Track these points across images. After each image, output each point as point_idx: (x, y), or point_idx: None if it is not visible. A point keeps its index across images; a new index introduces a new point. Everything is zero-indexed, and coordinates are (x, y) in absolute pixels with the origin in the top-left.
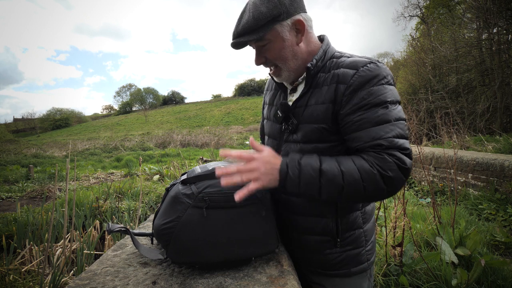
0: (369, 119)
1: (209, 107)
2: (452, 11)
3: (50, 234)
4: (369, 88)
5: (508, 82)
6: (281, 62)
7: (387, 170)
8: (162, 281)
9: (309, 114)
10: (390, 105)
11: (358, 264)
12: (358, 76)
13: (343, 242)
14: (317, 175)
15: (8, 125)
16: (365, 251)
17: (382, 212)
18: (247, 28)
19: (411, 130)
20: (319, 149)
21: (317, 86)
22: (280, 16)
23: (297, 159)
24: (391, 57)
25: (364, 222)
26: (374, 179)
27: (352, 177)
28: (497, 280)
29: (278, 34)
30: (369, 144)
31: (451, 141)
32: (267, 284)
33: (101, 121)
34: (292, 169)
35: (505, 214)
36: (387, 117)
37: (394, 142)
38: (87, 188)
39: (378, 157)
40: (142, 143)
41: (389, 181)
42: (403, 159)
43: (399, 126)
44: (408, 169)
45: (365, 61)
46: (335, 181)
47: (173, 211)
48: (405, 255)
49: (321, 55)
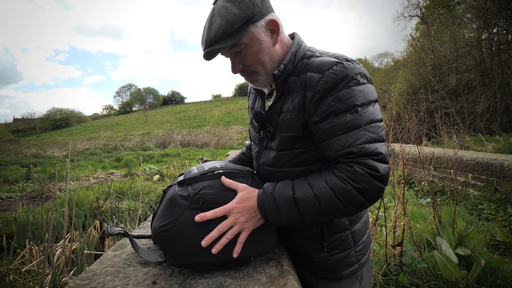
0: (338, 126)
1: (209, 107)
2: (452, 11)
3: (50, 234)
4: (335, 94)
5: (508, 82)
6: (259, 66)
7: (360, 182)
8: (162, 281)
9: (282, 122)
10: (360, 108)
11: (348, 266)
12: (324, 81)
13: (330, 245)
14: (292, 205)
15: (8, 125)
16: (355, 252)
17: (382, 212)
18: (221, 34)
19: (411, 130)
20: (293, 155)
21: (289, 92)
22: (254, 16)
23: (270, 192)
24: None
25: (351, 223)
26: (350, 194)
27: (327, 199)
28: (497, 280)
29: (254, 37)
30: (340, 153)
31: (451, 141)
32: (267, 284)
33: (101, 121)
34: (269, 204)
35: (505, 214)
36: (357, 122)
37: (365, 149)
38: (87, 188)
39: (350, 170)
40: (142, 143)
41: (365, 192)
42: (376, 166)
43: (370, 130)
44: (382, 176)
45: (331, 63)
46: (312, 206)
47: (170, 214)
48: (405, 255)
49: (290, 58)
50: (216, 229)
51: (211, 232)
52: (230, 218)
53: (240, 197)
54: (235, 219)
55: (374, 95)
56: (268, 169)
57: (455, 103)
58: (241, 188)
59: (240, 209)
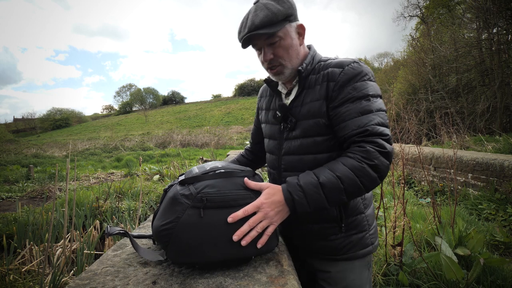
0: (354, 110)
1: (209, 107)
2: (452, 11)
3: (50, 234)
4: (353, 84)
5: (508, 82)
6: (287, 60)
7: (372, 159)
8: (162, 281)
9: (306, 111)
10: (372, 98)
11: (364, 247)
12: (344, 74)
13: (347, 227)
14: (319, 189)
15: (8, 125)
16: (369, 234)
17: (381, 212)
18: (266, 22)
19: (411, 130)
20: (317, 142)
21: (309, 87)
22: (291, 16)
23: (296, 183)
24: (391, 57)
25: (365, 207)
26: (366, 172)
27: (349, 178)
28: (497, 280)
29: (288, 33)
30: (356, 132)
31: (451, 141)
32: (267, 284)
33: (101, 121)
34: (296, 193)
35: (505, 214)
36: (370, 108)
37: (376, 129)
38: (87, 188)
39: (362, 150)
40: (142, 143)
41: (377, 168)
42: (384, 144)
43: (380, 116)
44: (388, 152)
45: (350, 61)
46: (336, 187)
47: (172, 212)
48: (405, 255)
49: (310, 60)
50: (246, 224)
51: (242, 227)
52: (259, 213)
53: (267, 193)
54: (265, 213)
55: (379, 91)
56: (291, 158)
57: (455, 103)
58: (266, 186)
59: (268, 204)
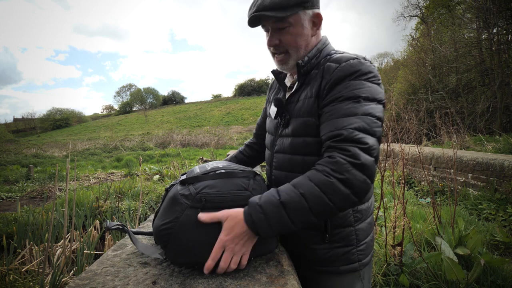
0: (337, 110)
1: (209, 107)
2: (452, 11)
3: (50, 234)
4: (347, 82)
5: (508, 82)
6: (293, 49)
7: (342, 172)
8: (162, 281)
9: (299, 108)
10: (364, 100)
11: (348, 263)
12: (338, 70)
13: (331, 238)
14: (280, 210)
15: (8, 125)
16: (357, 250)
17: (382, 212)
18: (276, 3)
19: (411, 130)
20: (307, 143)
21: (308, 82)
22: (307, 3)
23: (256, 203)
24: (391, 57)
25: (356, 220)
26: (335, 187)
27: (314, 196)
28: (497, 280)
29: (300, 21)
30: (331, 134)
31: (451, 141)
32: (267, 284)
33: (101, 121)
34: (256, 214)
35: (505, 214)
36: (355, 110)
37: (353, 134)
38: (87, 188)
39: (331, 162)
40: (142, 143)
41: (348, 183)
42: (357, 154)
43: (365, 121)
44: (362, 164)
45: (349, 57)
46: (300, 207)
47: (172, 212)
48: (405, 255)
49: (315, 53)
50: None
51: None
52: (226, 252)
53: (226, 228)
54: (231, 250)
55: (380, 96)
56: (282, 156)
57: (455, 103)
58: (224, 217)
59: (230, 240)
